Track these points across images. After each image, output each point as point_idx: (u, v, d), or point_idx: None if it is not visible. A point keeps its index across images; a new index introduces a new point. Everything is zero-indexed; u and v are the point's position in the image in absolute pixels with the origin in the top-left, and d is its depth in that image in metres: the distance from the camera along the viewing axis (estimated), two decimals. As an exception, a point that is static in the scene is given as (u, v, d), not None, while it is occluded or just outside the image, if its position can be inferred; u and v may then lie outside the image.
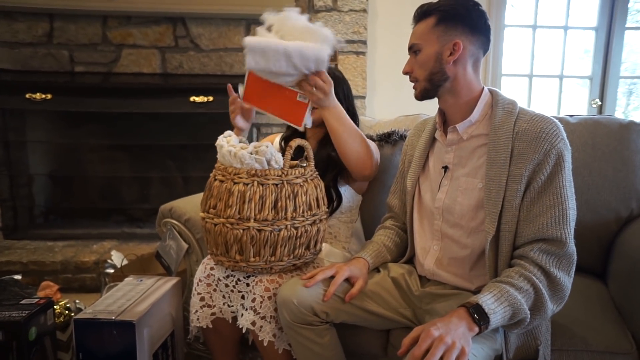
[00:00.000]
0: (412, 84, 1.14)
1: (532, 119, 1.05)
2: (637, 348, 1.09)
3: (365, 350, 1.22)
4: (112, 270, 1.96)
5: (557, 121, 1.04)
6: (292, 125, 1.33)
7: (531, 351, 1.05)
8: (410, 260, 1.29)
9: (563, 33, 2.95)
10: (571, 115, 1.59)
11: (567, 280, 0.99)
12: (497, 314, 0.91)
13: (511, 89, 2.97)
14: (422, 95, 1.13)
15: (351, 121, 1.35)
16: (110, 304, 1.24)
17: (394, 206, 1.34)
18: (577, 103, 3.06)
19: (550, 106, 3.02)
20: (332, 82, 1.28)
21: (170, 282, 1.40)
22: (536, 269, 0.98)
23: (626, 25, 2.91)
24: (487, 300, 0.92)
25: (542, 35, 2.96)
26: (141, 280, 1.40)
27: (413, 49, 1.11)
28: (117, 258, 2.04)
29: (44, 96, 2.49)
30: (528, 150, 1.01)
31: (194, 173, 2.77)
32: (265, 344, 1.20)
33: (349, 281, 1.16)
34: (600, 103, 3.02)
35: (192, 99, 2.56)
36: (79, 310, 1.54)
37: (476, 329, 0.90)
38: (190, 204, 1.57)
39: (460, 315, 0.91)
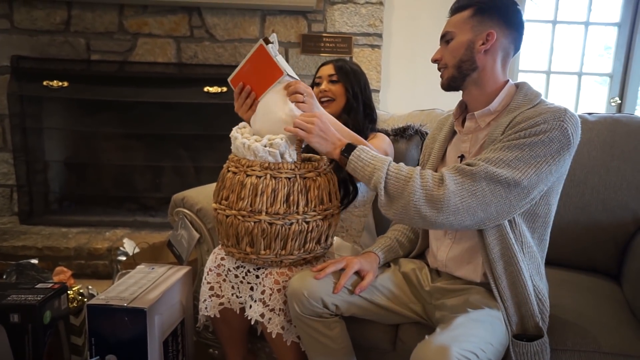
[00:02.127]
0: (439, 73, 1.14)
1: (546, 106, 1.03)
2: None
3: (374, 344, 1.22)
4: (124, 258, 1.98)
5: (571, 111, 1.00)
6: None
7: (532, 328, 1.04)
8: (421, 255, 1.28)
9: (584, 29, 2.89)
10: (590, 113, 1.56)
11: (453, 187, 0.97)
12: (366, 162, 1.04)
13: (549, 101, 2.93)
14: (448, 84, 1.12)
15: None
16: (122, 290, 1.25)
17: None
18: (596, 101, 3.01)
19: (568, 104, 2.97)
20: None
21: (182, 270, 1.41)
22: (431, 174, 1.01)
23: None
24: (362, 147, 1.08)
25: (561, 31, 2.90)
26: (153, 269, 1.42)
27: (445, 38, 1.11)
28: (129, 246, 2.06)
29: (60, 84, 2.52)
30: (521, 123, 1.00)
31: (206, 163, 2.79)
32: (273, 336, 1.20)
33: (359, 274, 1.16)
34: (619, 101, 2.95)
35: (206, 89, 2.56)
36: (92, 296, 1.56)
37: (341, 147, 1.08)
38: (202, 194, 1.58)
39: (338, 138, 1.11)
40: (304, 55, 2.58)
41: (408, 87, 2.68)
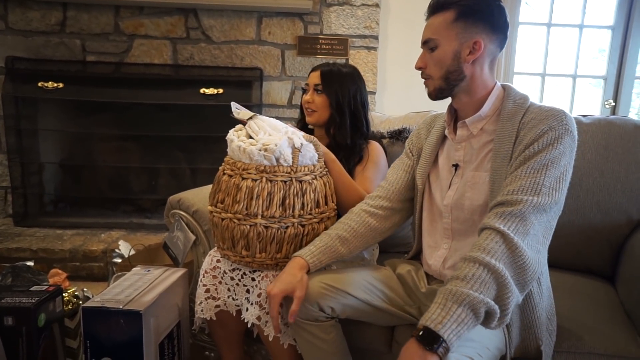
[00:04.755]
0: (424, 81, 1.10)
1: (540, 109, 1.02)
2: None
3: (370, 346, 1.22)
4: (119, 260, 1.97)
5: (567, 112, 1.00)
6: None
7: (533, 351, 1.04)
8: (418, 257, 1.28)
9: (578, 31, 2.90)
10: (584, 116, 1.57)
11: (524, 244, 0.89)
12: (447, 325, 0.81)
13: (523, 88, 2.93)
14: (436, 95, 1.09)
15: (341, 168, 1.33)
16: (118, 293, 1.25)
17: (392, 181, 1.25)
18: (590, 103, 3.02)
19: (563, 106, 2.96)
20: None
21: (178, 273, 1.41)
22: (490, 237, 0.89)
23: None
24: (432, 317, 0.82)
25: (556, 34, 2.92)
26: (148, 271, 1.41)
27: (429, 45, 1.06)
28: (125, 248, 2.05)
29: (55, 85, 2.50)
30: (528, 134, 0.99)
31: (202, 165, 2.79)
32: (270, 339, 1.20)
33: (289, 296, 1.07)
34: (613, 104, 2.97)
35: (202, 90, 2.56)
36: (87, 298, 1.55)
37: (434, 358, 0.80)
38: (198, 196, 1.58)
39: (410, 353, 0.82)
40: (300, 57, 2.58)
41: (404, 89, 2.69)
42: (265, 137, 1.20)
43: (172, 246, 1.58)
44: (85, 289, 1.65)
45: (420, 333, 0.82)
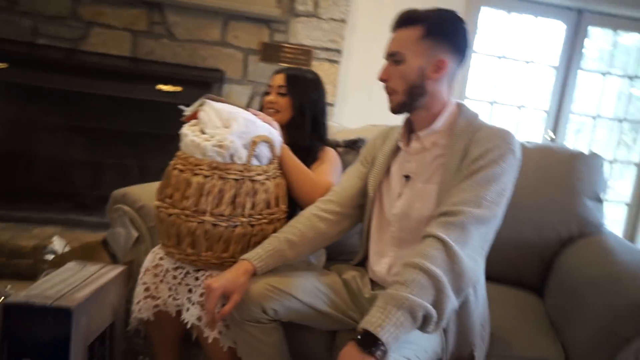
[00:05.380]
0: (387, 95, 1.12)
1: (490, 128, 1.07)
2: (565, 357, 1.17)
3: (311, 350, 1.21)
4: (51, 257, 1.85)
5: (513, 134, 1.05)
6: None
7: (466, 356, 1.07)
8: (364, 263, 1.28)
9: (526, 66, 3.10)
10: (527, 142, 1.67)
11: (462, 253, 0.91)
12: (386, 328, 0.82)
13: (483, 119, 3.08)
14: (399, 109, 1.11)
15: (298, 162, 1.33)
16: (47, 288, 1.17)
17: (345, 187, 1.25)
18: (534, 133, 3.22)
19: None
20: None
21: (115, 270, 1.34)
22: (431, 244, 0.92)
23: (581, 66, 3.11)
24: (371, 320, 0.84)
25: (507, 66, 3.09)
26: (84, 267, 1.33)
27: (394, 57, 1.08)
28: (59, 244, 1.93)
29: (-1, 64, 2.35)
30: (476, 150, 1.03)
31: (152, 163, 2.67)
32: (209, 341, 1.17)
33: (225, 295, 1.06)
34: (553, 135, 3.19)
35: (159, 87, 2.49)
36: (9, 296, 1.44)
37: None
38: (145, 191, 1.52)
39: (349, 356, 0.83)
40: (262, 63, 2.57)
41: (363, 104, 2.73)
42: (220, 132, 1.18)
43: (112, 242, 1.51)
44: (9, 286, 1.53)
45: (360, 336, 0.83)
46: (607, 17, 3.09)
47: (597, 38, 3.20)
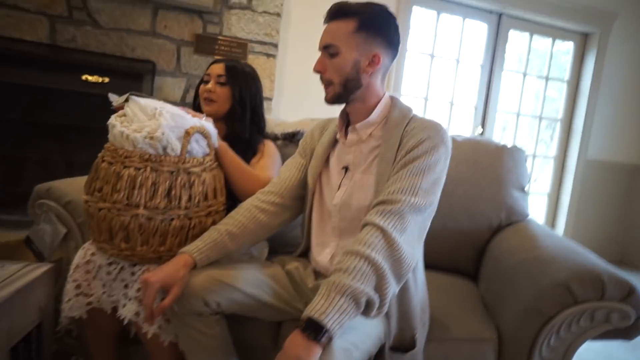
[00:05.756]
0: (323, 86, 1.13)
1: (422, 120, 1.12)
2: (498, 336, 1.25)
3: (256, 342, 1.21)
4: (-35, 259, 1.69)
5: (443, 126, 1.11)
6: None
7: (408, 340, 1.12)
8: (307, 254, 1.30)
9: (455, 64, 3.27)
10: (458, 135, 1.76)
11: (401, 239, 0.94)
12: (330, 314, 0.83)
13: (416, 113, 3.20)
14: (333, 100, 1.13)
15: (235, 156, 1.32)
16: (-39, 290, 1.07)
17: (284, 178, 1.25)
18: (465, 127, 3.41)
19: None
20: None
21: (40, 269, 1.25)
22: (370, 232, 0.94)
23: (504, 67, 3.34)
24: (315, 307, 0.84)
25: (438, 64, 3.25)
26: (3, 266, 1.23)
27: (329, 50, 1.08)
28: (-26, 245, 1.76)
29: None
30: (410, 141, 1.07)
31: (79, 157, 2.51)
32: (149, 337, 1.12)
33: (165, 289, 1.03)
34: (482, 130, 3.39)
35: (84, 77, 2.34)
36: None
37: (318, 348, 0.82)
38: (72, 186, 1.42)
39: (293, 344, 0.83)
40: (196, 55, 2.50)
41: (301, 97, 2.75)
42: (152, 124, 1.13)
43: (36, 240, 1.40)
44: None
45: (304, 324, 0.84)
46: (524, 22, 3.35)
47: (516, 41, 3.45)
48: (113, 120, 1.18)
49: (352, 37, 1.07)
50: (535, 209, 3.66)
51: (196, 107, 1.52)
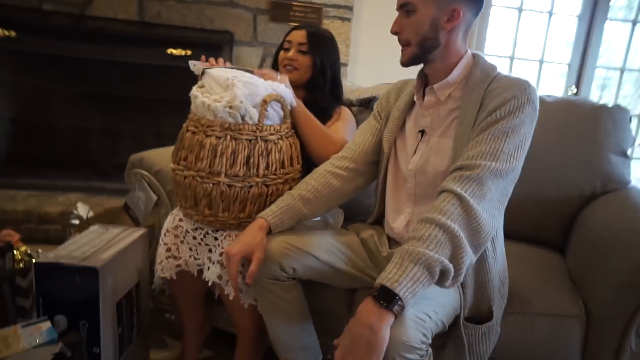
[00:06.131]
0: (400, 47, 1.08)
1: (506, 78, 1.04)
2: (585, 312, 1.17)
3: (331, 308, 1.24)
4: (77, 222, 1.91)
5: (531, 83, 1.02)
6: None
7: (485, 311, 1.08)
8: (381, 221, 1.29)
9: (547, 17, 2.96)
10: (548, 96, 1.62)
11: (479, 207, 0.91)
12: (403, 283, 0.82)
13: (501, 71, 2.99)
14: (409, 62, 1.08)
15: (312, 116, 1.31)
16: (74, 250, 1.21)
17: (358, 143, 1.24)
18: (555, 89, 3.12)
19: (528, 89, 3.06)
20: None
21: (138, 232, 1.37)
22: (447, 199, 0.91)
23: (608, 17, 2.95)
24: (388, 276, 0.84)
25: (526, 19, 2.96)
26: (107, 229, 1.37)
27: (405, 8, 1.04)
28: (83, 210, 1.99)
29: (7, 33, 2.34)
30: (492, 102, 1.00)
31: (167, 128, 2.68)
32: (230, 298, 1.20)
33: (247, 259, 1.07)
34: (575, 90, 3.08)
35: (169, 51, 2.46)
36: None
37: (390, 317, 0.82)
38: (161, 155, 1.53)
39: (365, 311, 0.83)
40: (272, 23, 2.52)
41: (377, 62, 2.66)
42: (227, 94, 1.17)
43: (133, 206, 1.54)
44: (40, 250, 1.59)
45: (377, 292, 0.84)
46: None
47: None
48: (194, 91, 1.23)
49: None
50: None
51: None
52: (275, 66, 1.51)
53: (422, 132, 1.14)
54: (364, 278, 1.19)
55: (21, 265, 1.37)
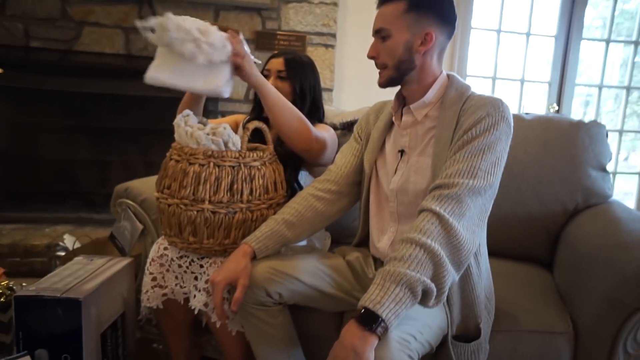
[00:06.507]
0: (379, 71, 1.12)
1: (479, 97, 1.06)
2: (573, 328, 1.16)
3: (319, 332, 1.22)
4: (63, 253, 1.89)
5: (504, 101, 1.04)
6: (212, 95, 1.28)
7: (472, 329, 1.08)
8: (366, 243, 1.29)
9: (525, 39, 3.05)
10: (527, 113, 1.65)
11: (459, 225, 0.91)
12: (385, 304, 0.82)
13: (475, 90, 3.05)
14: (387, 83, 1.12)
15: (282, 96, 1.30)
16: (56, 282, 1.20)
17: (340, 165, 1.25)
18: (537, 107, 3.18)
19: (512, 108, 3.12)
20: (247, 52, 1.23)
21: (123, 262, 1.37)
22: (426, 219, 0.92)
23: (583, 36, 3.05)
24: (370, 297, 0.84)
25: (506, 40, 3.05)
26: (92, 260, 1.36)
27: (381, 34, 1.08)
28: (70, 241, 1.97)
29: (-5, 70, 2.37)
30: (467, 120, 1.02)
31: (156, 158, 2.68)
32: (217, 326, 1.19)
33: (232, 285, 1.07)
34: (557, 108, 3.14)
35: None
36: (25, 291, 1.47)
37: (373, 339, 0.81)
38: (146, 185, 1.54)
39: (349, 334, 0.82)
40: (258, 52, 2.57)
41: (362, 86, 2.72)
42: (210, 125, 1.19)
43: (119, 236, 1.53)
44: (24, 284, 1.56)
45: (360, 314, 0.83)
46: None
47: (598, 3, 3.14)
48: (178, 120, 1.25)
49: (402, 18, 1.05)
50: (625, 190, 3.34)
51: (257, 103, 1.55)
52: (257, 95, 1.52)
53: (402, 151, 1.15)
54: (351, 301, 1.18)
55: (2, 299, 1.35)
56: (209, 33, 1.18)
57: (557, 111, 3.14)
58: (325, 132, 1.42)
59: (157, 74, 1.19)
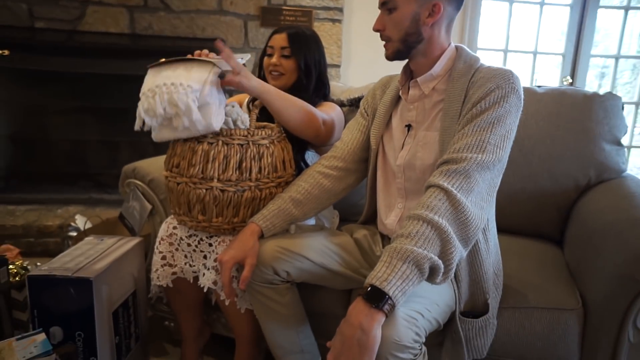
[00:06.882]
0: (384, 43, 1.09)
1: (489, 69, 1.03)
2: (583, 305, 1.15)
3: (327, 310, 1.23)
4: (75, 234, 1.92)
5: (514, 72, 1.01)
6: None
7: (480, 305, 1.08)
8: (374, 220, 1.28)
9: (539, 9, 2.96)
10: (539, 86, 1.61)
11: (467, 201, 0.90)
12: (392, 282, 0.81)
13: (485, 62, 2.98)
14: (394, 56, 1.09)
15: (283, 92, 1.24)
16: (68, 261, 1.21)
17: (346, 141, 1.24)
18: (550, 80, 3.10)
19: (524, 82, 3.05)
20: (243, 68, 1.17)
21: (133, 241, 1.38)
22: (433, 194, 0.91)
23: (600, 4, 2.94)
24: (377, 275, 0.83)
25: (518, 11, 2.96)
26: (102, 240, 1.38)
27: (387, 6, 1.05)
28: (81, 221, 2.00)
29: (0, 52, 2.36)
30: (476, 93, 1.00)
31: (164, 138, 2.71)
32: (227, 304, 1.20)
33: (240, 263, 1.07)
34: (571, 80, 3.06)
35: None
36: (39, 271, 1.50)
37: (380, 316, 0.81)
38: (154, 165, 1.54)
39: (356, 312, 0.82)
40: (263, 28, 2.52)
41: (369, 62, 2.66)
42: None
43: (128, 216, 1.54)
44: (38, 263, 1.59)
45: (366, 292, 0.83)
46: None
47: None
48: None
49: None
50: (640, 165, 3.29)
51: (261, 79, 1.52)
52: (261, 72, 1.50)
53: (409, 126, 1.13)
54: (359, 278, 1.18)
55: (17, 278, 1.38)
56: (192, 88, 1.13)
57: (571, 84, 3.06)
58: (332, 112, 1.39)
59: (162, 135, 1.19)
